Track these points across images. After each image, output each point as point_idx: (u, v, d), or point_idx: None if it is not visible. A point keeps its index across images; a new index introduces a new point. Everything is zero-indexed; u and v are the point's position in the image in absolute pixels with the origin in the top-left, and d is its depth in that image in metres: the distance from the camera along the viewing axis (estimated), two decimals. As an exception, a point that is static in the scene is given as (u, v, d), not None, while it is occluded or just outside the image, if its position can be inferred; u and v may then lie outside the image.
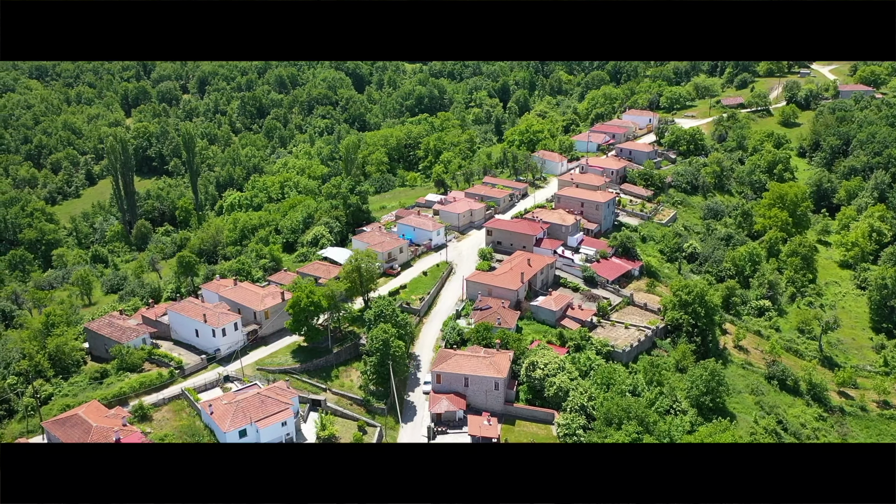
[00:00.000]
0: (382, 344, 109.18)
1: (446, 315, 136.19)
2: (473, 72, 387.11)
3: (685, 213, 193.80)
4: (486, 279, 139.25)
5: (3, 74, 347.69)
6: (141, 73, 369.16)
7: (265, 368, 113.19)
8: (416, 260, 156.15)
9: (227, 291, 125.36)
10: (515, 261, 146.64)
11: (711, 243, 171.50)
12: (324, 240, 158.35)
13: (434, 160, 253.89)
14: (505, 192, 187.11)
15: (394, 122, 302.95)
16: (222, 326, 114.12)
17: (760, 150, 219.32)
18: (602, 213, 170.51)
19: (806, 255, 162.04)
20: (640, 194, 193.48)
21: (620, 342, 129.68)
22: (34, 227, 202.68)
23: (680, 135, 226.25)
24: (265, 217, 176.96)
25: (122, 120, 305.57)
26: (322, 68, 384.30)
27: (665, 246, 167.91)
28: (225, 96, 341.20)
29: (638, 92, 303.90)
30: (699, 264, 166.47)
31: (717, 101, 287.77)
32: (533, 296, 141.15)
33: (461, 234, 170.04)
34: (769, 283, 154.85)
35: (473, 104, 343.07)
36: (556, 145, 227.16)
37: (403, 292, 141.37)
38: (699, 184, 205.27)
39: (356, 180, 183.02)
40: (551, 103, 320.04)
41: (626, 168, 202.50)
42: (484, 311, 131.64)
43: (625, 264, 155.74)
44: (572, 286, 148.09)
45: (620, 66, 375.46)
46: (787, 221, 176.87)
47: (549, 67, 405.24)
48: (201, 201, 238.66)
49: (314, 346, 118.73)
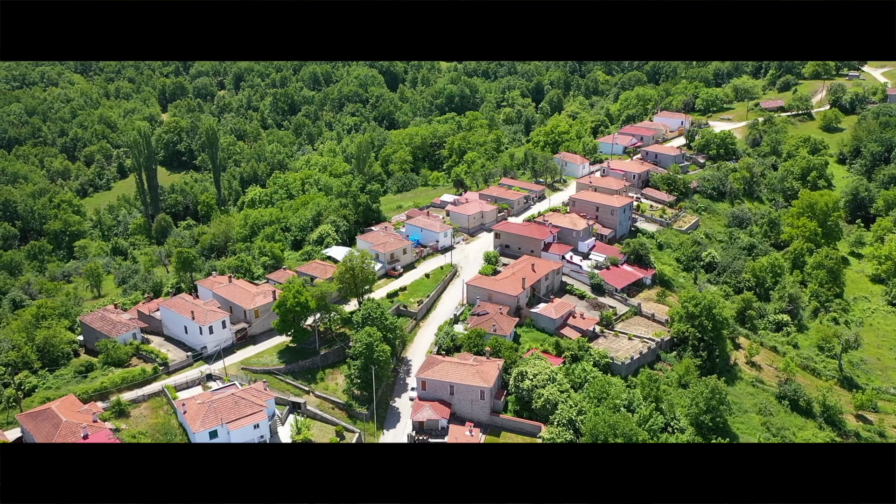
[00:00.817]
0: (366, 348, 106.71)
1: (445, 319, 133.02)
2: (508, 71, 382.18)
3: (709, 221, 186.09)
4: (486, 284, 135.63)
5: (49, 69, 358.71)
6: (180, 68, 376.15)
7: (249, 368, 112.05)
8: (420, 261, 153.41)
9: (220, 288, 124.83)
10: (519, 265, 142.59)
11: (732, 253, 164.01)
12: (329, 238, 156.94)
13: (458, 160, 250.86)
14: (519, 195, 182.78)
15: (421, 120, 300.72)
16: (209, 324, 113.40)
17: (795, 156, 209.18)
18: (617, 219, 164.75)
19: (832, 267, 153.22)
20: (662, 199, 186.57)
21: (621, 354, 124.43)
22: (59, 219, 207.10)
23: (710, 138, 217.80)
24: (276, 214, 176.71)
25: (156, 115, 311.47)
26: (357, 66, 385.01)
27: (682, 254, 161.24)
28: (259, 93, 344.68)
29: (673, 93, 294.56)
30: (717, 274, 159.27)
31: (756, 103, 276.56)
32: (536, 302, 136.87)
33: (470, 237, 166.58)
34: (790, 296, 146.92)
35: (505, 104, 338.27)
36: (579, 147, 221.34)
37: (402, 295, 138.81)
38: (726, 190, 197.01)
39: (367, 179, 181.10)
40: (584, 104, 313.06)
41: (649, 172, 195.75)
42: (481, 316, 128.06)
43: (636, 272, 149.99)
44: (579, 293, 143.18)
45: (659, 66, 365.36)
46: (815, 232, 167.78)
47: (586, 67, 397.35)
48: (224, 196, 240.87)
49: (302, 347, 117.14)
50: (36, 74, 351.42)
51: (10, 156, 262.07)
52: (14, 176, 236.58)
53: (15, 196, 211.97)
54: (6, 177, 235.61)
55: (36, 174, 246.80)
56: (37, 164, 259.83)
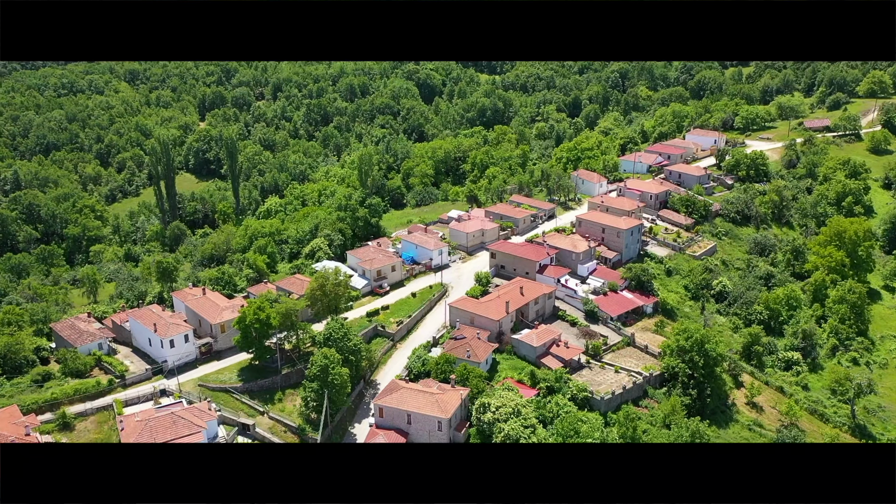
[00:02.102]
0: (320, 370, 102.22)
1: (424, 341, 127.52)
2: (547, 85, 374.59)
3: (729, 246, 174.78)
4: (469, 306, 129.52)
5: (98, 77, 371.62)
6: (223, 78, 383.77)
7: (206, 385, 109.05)
8: (410, 280, 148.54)
9: (191, 300, 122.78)
10: (507, 288, 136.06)
11: (747, 282, 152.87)
12: (320, 252, 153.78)
13: (479, 175, 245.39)
14: (526, 213, 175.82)
15: (448, 133, 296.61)
16: (170, 337, 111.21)
17: (831, 179, 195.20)
18: (623, 241, 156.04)
19: (855, 302, 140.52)
20: (679, 222, 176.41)
21: (604, 388, 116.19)
22: (78, 224, 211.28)
23: (740, 158, 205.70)
24: (276, 225, 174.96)
25: (192, 123, 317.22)
26: (395, 78, 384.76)
27: (691, 281, 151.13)
28: (294, 103, 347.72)
29: (713, 111, 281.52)
30: (728, 305, 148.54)
31: (800, 122, 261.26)
32: (522, 328, 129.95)
33: (469, 255, 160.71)
34: (803, 332, 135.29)
35: (540, 118, 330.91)
36: (599, 165, 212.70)
37: (383, 314, 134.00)
38: (752, 214, 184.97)
39: (368, 192, 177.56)
40: (619, 120, 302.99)
41: (668, 192, 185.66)
42: (458, 340, 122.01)
43: (636, 299, 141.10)
44: (570, 320, 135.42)
45: (703, 82, 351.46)
46: (843, 262, 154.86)
47: (629, 82, 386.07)
48: (243, 206, 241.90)
49: (264, 366, 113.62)
50: (84, 82, 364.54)
51: (47, 161, 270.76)
52: (45, 180, 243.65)
53: (39, 200, 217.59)
54: (37, 181, 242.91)
55: (67, 179, 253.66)
56: (71, 170, 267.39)
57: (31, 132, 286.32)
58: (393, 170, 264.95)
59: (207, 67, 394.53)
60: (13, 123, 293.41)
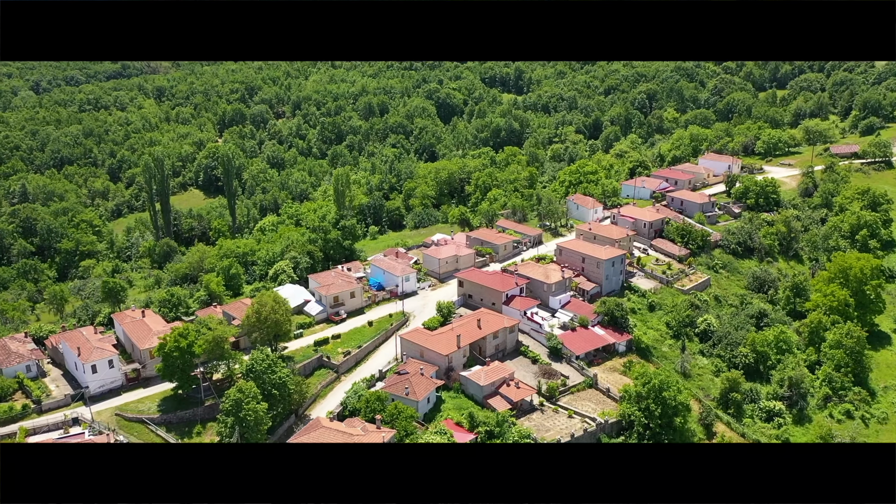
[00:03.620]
0: (233, 405, 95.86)
1: (370, 374, 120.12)
2: (569, 106, 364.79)
3: (726, 281, 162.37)
4: (420, 339, 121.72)
5: (122, 95, 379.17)
6: (246, 95, 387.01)
7: (123, 415, 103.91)
8: (372, 307, 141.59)
9: (127, 323, 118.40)
10: (465, 320, 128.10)
11: (737, 320, 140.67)
12: (283, 276, 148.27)
13: (481, 196, 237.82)
14: (508, 239, 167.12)
15: (455, 154, 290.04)
16: (92, 362, 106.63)
17: (847, 210, 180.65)
18: (603, 272, 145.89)
19: (853, 348, 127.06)
20: (672, 253, 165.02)
21: (551, 434, 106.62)
22: (72, 238, 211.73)
23: (749, 185, 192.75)
24: (251, 245, 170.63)
25: (206, 140, 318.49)
26: (416, 97, 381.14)
27: (674, 318, 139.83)
28: (311, 121, 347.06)
29: (734, 134, 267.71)
30: (712, 345, 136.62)
31: (826, 148, 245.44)
32: (477, 363, 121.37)
33: (440, 283, 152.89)
34: (790, 379, 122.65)
35: (557, 139, 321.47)
36: (598, 189, 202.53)
37: (333, 343, 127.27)
38: (755, 245, 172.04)
39: (343, 214, 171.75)
40: (636, 142, 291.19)
41: (664, 220, 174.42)
42: (401, 375, 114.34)
43: (607, 336, 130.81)
44: (532, 356, 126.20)
45: (733, 104, 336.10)
46: (846, 302, 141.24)
47: (657, 104, 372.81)
48: (241, 223, 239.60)
49: (189, 396, 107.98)
50: (111, 98, 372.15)
51: (59, 175, 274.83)
52: (50, 194, 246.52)
53: (37, 213, 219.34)
54: (43, 195, 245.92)
55: (74, 193, 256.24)
56: (80, 184, 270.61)
57: (47, 146, 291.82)
58: (395, 190, 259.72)
59: (232, 85, 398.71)
60: (32, 138, 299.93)
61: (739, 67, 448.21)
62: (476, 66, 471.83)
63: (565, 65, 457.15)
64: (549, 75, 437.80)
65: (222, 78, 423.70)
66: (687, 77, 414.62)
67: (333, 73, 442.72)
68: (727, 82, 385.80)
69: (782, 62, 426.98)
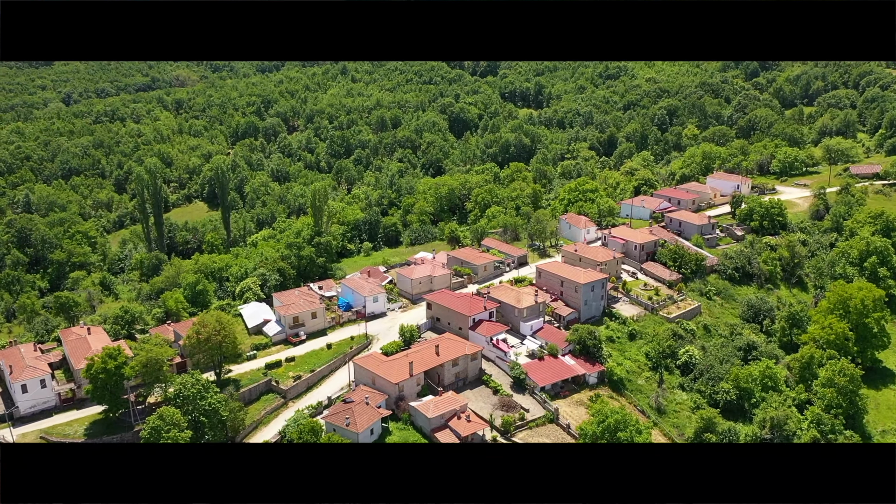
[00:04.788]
0: (151, 432, 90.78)
1: (317, 401, 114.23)
2: (585, 121, 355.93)
3: (719, 308, 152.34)
4: (372, 364, 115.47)
5: (139, 106, 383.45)
6: (262, 108, 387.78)
7: (48, 438, 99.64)
8: (336, 328, 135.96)
9: (70, 341, 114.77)
10: (423, 346, 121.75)
11: (723, 352, 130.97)
12: (249, 293, 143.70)
13: (480, 214, 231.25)
14: (489, 259, 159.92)
15: (458, 169, 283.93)
16: (23, 381, 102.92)
17: (857, 235, 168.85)
18: (581, 297, 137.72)
19: (846, 387, 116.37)
20: (662, 277, 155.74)
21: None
22: (64, 249, 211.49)
23: (753, 207, 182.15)
24: (228, 260, 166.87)
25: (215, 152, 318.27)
26: (431, 111, 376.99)
27: (654, 348, 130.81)
28: (322, 134, 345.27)
29: (750, 152, 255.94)
30: (693, 379, 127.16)
31: (846, 168, 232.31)
32: (429, 392, 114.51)
33: (412, 304, 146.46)
34: (772, 420, 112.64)
35: (569, 156, 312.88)
36: (594, 208, 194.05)
37: (286, 366, 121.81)
38: (754, 271, 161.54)
39: (317, 230, 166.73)
40: (647, 160, 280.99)
41: (657, 243, 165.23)
42: (346, 404, 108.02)
43: (576, 367, 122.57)
44: (494, 386, 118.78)
45: (755, 121, 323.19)
46: (844, 335, 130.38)
47: (677, 119, 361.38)
48: (235, 237, 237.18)
49: (120, 420, 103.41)
50: (128, 110, 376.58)
51: (66, 185, 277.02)
52: (52, 204, 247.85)
53: (33, 224, 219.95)
54: (45, 205, 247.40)
55: (76, 204, 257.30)
56: (86, 195, 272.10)
57: (57, 157, 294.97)
58: (395, 206, 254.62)
59: (249, 97, 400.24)
60: (44, 148, 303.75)
61: (769, 83, 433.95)
62: (496, 81, 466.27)
63: (586, 79, 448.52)
64: (569, 90, 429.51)
65: (241, 91, 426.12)
66: (712, 92, 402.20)
67: (351, 86, 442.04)
68: (751, 98, 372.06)
69: (814, 79, 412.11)
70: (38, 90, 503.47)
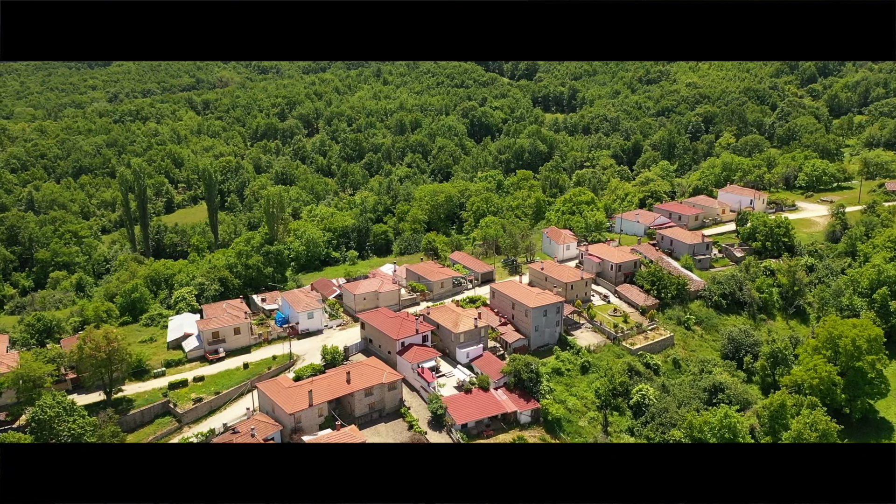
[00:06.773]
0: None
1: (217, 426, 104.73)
2: (612, 127, 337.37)
3: (698, 340, 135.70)
4: (273, 391, 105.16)
5: (165, 107, 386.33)
6: (286, 110, 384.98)
7: None
8: (262, 345, 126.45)
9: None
10: (333, 372, 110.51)
11: (683, 393, 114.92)
12: (182, 304, 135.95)
13: (475, 223, 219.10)
14: (447, 274, 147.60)
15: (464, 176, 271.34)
16: None
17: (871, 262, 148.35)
18: (531, 322, 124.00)
19: (818, 442, 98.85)
20: (636, 302, 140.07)
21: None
22: (49, 248, 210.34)
23: (756, 225, 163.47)
24: (181, 266, 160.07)
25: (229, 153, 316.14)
26: (453, 116, 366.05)
27: (604, 385, 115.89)
28: (337, 137, 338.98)
29: (779, 163, 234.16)
30: (644, 422, 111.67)
31: (881, 184, 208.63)
32: (330, 424, 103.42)
33: (353, 321, 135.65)
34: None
35: (588, 164, 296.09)
36: (581, 222, 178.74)
37: (192, 386, 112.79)
38: (745, 299, 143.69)
39: (268, 238, 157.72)
40: (666, 169, 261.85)
41: (637, 263, 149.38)
42: (234, 434, 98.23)
43: (507, 403, 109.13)
44: (410, 421, 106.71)
45: (795, 129, 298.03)
46: (831, 380, 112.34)
47: (714, 127, 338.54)
48: (224, 240, 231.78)
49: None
50: (152, 110, 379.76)
51: (75, 184, 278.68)
52: (52, 203, 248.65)
53: (23, 222, 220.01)
54: (45, 203, 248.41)
55: (78, 204, 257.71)
56: (92, 194, 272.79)
57: (70, 155, 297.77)
58: (390, 212, 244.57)
59: (275, 99, 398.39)
60: (59, 147, 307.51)
61: (826, 89, 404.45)
62: (530, 85, 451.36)
63: (624, 84, 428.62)
64: (602, 94, 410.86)
65: (270, 92, 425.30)
66: (756, 99, 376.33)
67: (380, 88, 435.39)
68: (795, 105, 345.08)
69: (874, 86, 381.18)
70: (89, 90, 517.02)
